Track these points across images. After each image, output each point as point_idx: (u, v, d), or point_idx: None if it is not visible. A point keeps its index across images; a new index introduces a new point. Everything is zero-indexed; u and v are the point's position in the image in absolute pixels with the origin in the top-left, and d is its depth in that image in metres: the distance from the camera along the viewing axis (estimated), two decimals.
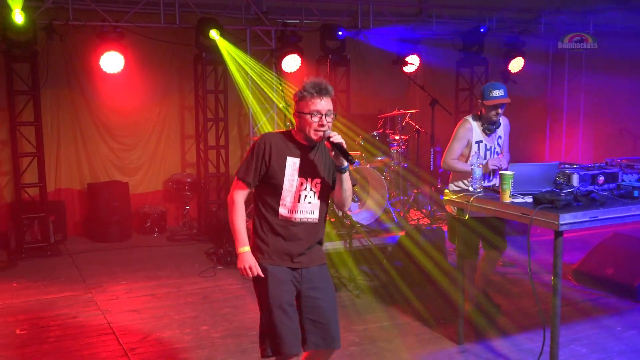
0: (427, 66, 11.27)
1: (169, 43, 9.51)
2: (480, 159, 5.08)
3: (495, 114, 5.43)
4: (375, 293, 6.68)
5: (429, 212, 8.43)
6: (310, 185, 3.64)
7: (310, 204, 3.65)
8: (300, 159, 3.62)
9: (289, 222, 3.63)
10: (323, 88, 3.56)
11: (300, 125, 3.60)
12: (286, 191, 3.61)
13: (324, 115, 3.55)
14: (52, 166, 9.21)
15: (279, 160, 3.60)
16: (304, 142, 3.64)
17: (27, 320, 5.98)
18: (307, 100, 3.55)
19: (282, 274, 3.63)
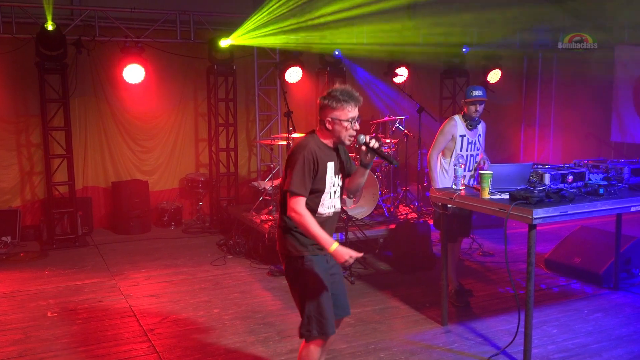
0: (414, 77, 11.26)
1: (185, 57, 9.47)
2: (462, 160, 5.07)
3: (474, 110, 5.63)
4: (368, 280, 6.66)
5: (417, 207, 8.40)
6: (338, 181, 3.59)
7: (337, 198, 3.61)
8: (334, 162, 3.54)
9: (323, 217, 3.53)
10: (357, 97, 3.48)
11: (335, 130, 3.46)
12: (326, 193, 3.51)
13: (355, 121, 3.48)
14: (80, 166, 9.18)
15: (323, 168, 3.47)
16: (332, 144, 3.54)
17: (58, 304, 5.97)
18: (344, 107, 3.42)
19: (323, 264, 3.55)
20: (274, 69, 9.87)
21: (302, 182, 3.38)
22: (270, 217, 7.60)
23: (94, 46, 8.66)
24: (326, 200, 3.51)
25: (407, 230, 7.08)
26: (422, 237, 7.08)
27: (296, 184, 3.37)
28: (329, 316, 3.50)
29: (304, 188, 3.39)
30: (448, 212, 5.08)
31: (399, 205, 8.49)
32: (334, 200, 3.57)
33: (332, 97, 3.43)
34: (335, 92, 3.44)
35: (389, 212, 8.07)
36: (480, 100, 5.61)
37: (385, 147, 8.34)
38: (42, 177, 8.82)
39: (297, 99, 10.21)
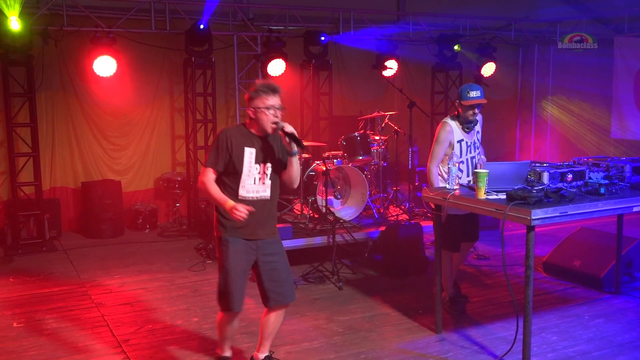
0: (405, 70, 11.30)
1: (160, 48, 9.42)
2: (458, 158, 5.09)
3: (472, 114, 5.42)
4: (357, 285, 6.67)
5: (408, 208, 8.44)
6: (264, 169, 4.16)
7: (264, 184, 4.18)
8: (255, 148, 4.12)
9: (247, 200, 4.11)
10: (274, 87, 4.09)
11: (257, 118, 4.09)
12: (245, 175, 4.11)
13: (277, 109, 4.06)
14: (47, 165, 9.10)
15: (238, 151, 4.09)
16: (259, 133, 4.14)
17: (24, 313, 5.90)
18: (262, 97, 4.04)
19: (239, 245, 4.15)
20: (255, 61, 9.85)
21: (212, 157, 4.12)
22: None
23: (62, 36, 8.57)
24: (248, 184, 4.13)
25: (397, 233, 7.10)
26: (413, 239, 7.10)
27: (208, 159, 4.14)
28: (234, 293, 4.16)
29: (212, 162, 4.11)
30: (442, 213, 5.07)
31: (389, 206, 8.53)
32: (259, 187, 4.16)
33: (253, 90, 4.09)
34: (256, 85, 4.11)
35: (379, 213, 8.10)
36: (478, 102, 5.40)
37: (375, 145, 8.37)
38: (5, 177, 8.72)
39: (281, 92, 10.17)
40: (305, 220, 7.62)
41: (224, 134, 4.13)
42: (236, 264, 4.16)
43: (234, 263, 4.16)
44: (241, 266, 4.18)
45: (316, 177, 7.74)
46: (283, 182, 4.32)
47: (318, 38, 9.72)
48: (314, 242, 7.17)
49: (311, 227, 7.44)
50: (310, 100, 10.40)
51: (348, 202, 8.08)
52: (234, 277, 4.16)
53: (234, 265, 4.16)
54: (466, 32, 11.38)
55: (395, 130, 8.60)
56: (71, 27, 8.56)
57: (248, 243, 4.18)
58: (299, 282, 6.74)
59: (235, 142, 4.10)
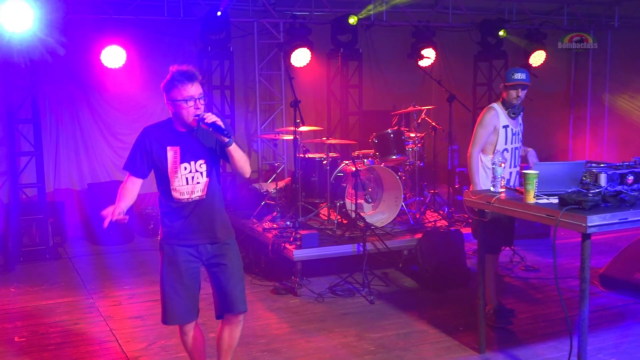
0: (443, 60, 11.25)
1: (173, 36, 9.51)
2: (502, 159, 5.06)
3: (516, 96, 5.65)
4: (390, 299, 6.66)
5: (447, 213, 8.39)
6: (195, 166, 4.05)
7: (200, 183, 4.07)
8: (179, 146, 4.02)
9: (181, 203, 4.07)
10: (192, 74, 3.93)
11: (176, 112, 3.97)
12: (172, 177, 4.03)
13: (197, 99, 3.93)
14: (51, 166, 9.23)
15: (159, 151, 4.03)
16: (182, 128, 4.03)
17: (26, 327, 5.99)
18: (178, 87, 3.90)
19: (174, 252, 4.13)
20: (277, 51, 9.90)
21: (128, 160, 4.10)
22: (274, 225, 7.62)
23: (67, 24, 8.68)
24: (179, 186, 4.04)
25: (436, 241, 7.07)
26: (453, 248, 7.07)
27: (126, 161, 4.13)
28: (168, 307, 4.18)
29: (129, 164, 4.10)
30: (485, 219, 5.06)
31: (426, 211, 8.49)
32: (192, 187, 4.06)
33: (167, 80, 3.95)
34: (171, 74, 3.94)
35: (415, 219, 8.08)
36: (522, 84, 5.64)
37: (410, 143, 8.35)
38: (6, 178, 8.85)
39: (305, 85, 10.23)
40: (333, 226, 7.62)
41: (143, 133, 4.09)
42: (166, 274, 4.17)
43: (164, 272, 4.17)
44: (172, 276, 4.15)
45: (345, 178, 7.75)
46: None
47: (347, 24, 9.71)
48: (343, 251, 7.16)
49: (339, 234, 7.45)
50: (338, 94, 10.42)
51: (380, 207, 8.07)
52: (165, 287, 4.17)
53: (164, 275, 4.18)
54: (512, 17, 11.30)
55: (432, 127, 8.57)
56: (77, 14, 8.68)
57: (187, 250, 4.14)
58: (326, 294, 6.75)
59: (155, 142, 4.04)
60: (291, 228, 7.34)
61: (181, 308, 4.20)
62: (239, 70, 9.97)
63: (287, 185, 8.31)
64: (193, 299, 4.24)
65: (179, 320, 4.25)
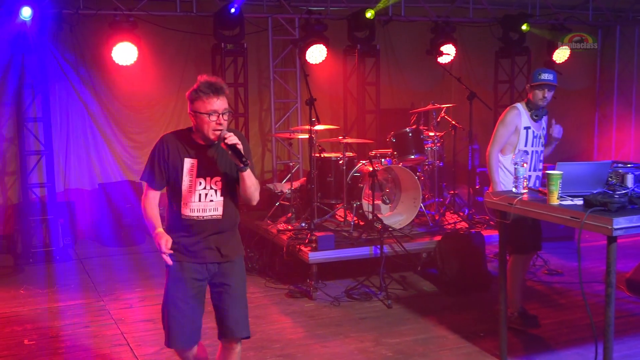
0: (464, 56, 11.22)
1: (186, 33, 9.56)
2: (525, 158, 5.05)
3: (542, 97, 5.65)
4: (409, 303, 6.66)
5: (467, 215, 8.37)
6: (210, 184, 3.93)
7: (213, 201, 3.94)
8: (197, 159, 3.91)
9: (192, 220, 3.94)
10: (219, 87, 3.82)
11: (198, 124, 3.85)
12: (186, 191, 3.91)
13: (220, 114, 3.81)
14: (61, 165, 9.31)
15: (175, 162, 3.92)
16: (201, 141, 3.92)
17: (36, 329, 6.05)
18: (203, 100, 3.79)
19: (181, 270, 4.01)
20: (292, 47, 9.92)
21: (147, 170, 4.00)
22: (289, 227, 7.64)
23: (78, 20, 8.77)
24: (191, 201, 3.92)
25: (455, 243, 7.06)
26: (474, 251, 7.06)
27: (144, 171, 4.03)
28: (171, 329, 4.03)
29: (147, 175, 3.99)
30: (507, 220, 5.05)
31: (446, 212, 8.47)
32: (206, 205, 3.94)
33: (193, 90, 3.85)
34: (198, 84, 3.84)
35: (434, 220, 8.06)
36: (549, 84, 5.62)
37: (429, 142, 8.33)
38: (15, 177, 8.95)
39: (321, 83, 10.23)
40: (349, 228, 7.62)
41: (161, 141, 3.97)
42: (172, 292, 4.03)
43: (170, 290, 4.04)
44: (178, 294, 4.01)
45: (361, 178, 7.75)
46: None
47: (364, 19, 9.71)
48: (359, 254, 7.16)
49: (356, 236, 7.45)
50: (354, 91, 10.41)
51: (398, 208, 8.06)
52: (170, 306, 4.03)
53: (170, 293, 4.04)
54: (535, 11, 11.24)
55: (452, 125, 8.54)
56: (88, 10, 8.76)
57: (195, 267, 4.01)
58: (342, 298, 6.76)
59: (172, 151, 3.92)
60: (306, 230, 7.35)
61: (185, 330, 4.05)
62: (253, 67, 9.99)
63: (302, 185, 8.32)
64: (198, 320, 4.11)
65: (183, 344, 4.10)
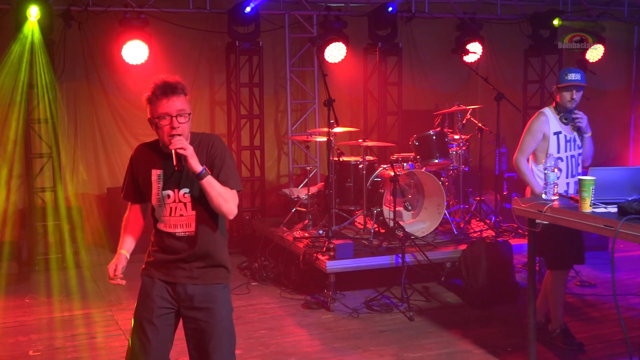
0: (491, 55, 11.17)
1: (199, 30, 9.60)
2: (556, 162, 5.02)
3: (569, 99, 5.58)
4: (431, 315, 6.64)
5: (494, 223, 8.33)
6: (179, 196, 3.67)
7: (184, 216, 3.69)
8: (163, 170, 3.69)
9: (167, 235, 3.74)
10: (169, 88, 3.57)
11: (156, 132, 3.64)
12: (156, 205, 3.72)
13: (174, 117, 3.55)
14: (69, 168, 9.35)
15: (144, 174, 3.73)
16: (167, 150, 3.61)
17: (41, 340, 6.09)
18: (154, 103, 3.58)
19: (150, 287, 3.77)
20: (310, 45, 9.93)
21: (124, 185, 3.86)
22: (305, 234, 7.65)
23: (87, 18, 8.84)
24: (162, 215, 3.71)
25: (482, 253, 7.02)
26: (501, 261, 7.02)
27: (122, 187, 3.88)
28: (134, 352, 3.73)
29: (123, 191, 3.87)
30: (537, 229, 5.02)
31: (471, 219, 8.44)
32: (177, 220, 3.69)
33: (147, 94, 3.62)
34: (151, 87, 3.61)
35: (458, 228, 8.03)
36: (577, 85, 5.55)
37: (454, 145, 8.31)
38: (21, 181, 9.00)
39: (340, 83, 10.25)
40: (369, 235, 7.62)
41: (134, 152, 3.83)
42: (139, 311, 3.77)
43: (137, 309, 3.79)
44: (144, 314, 3.73)
45: (382, 184, 7.74)
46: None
47: (385, 15, 9.69)
48: (380, 263, 7.15)
49: (376, 245, 7.44)
50: (375, 92, 10.41)
51: (421, 215, 8.04)
52: (135, 326, 3.76)
53: (136, 312, 3.79)
54: (567, 7, 11.18)
55: (479, 128, 8.52)
56: (97, 7, 8.82)
57: (164, 286, 3.75)
58: (361, 309, 6.75)
59: (142, 162, 3.75)
60: (324, 237, 7.35)
61: (145, 354, 3.71)
62: (269, 66, 10.01)
63: (320, 190, 8.33)
64: (164, 348, 3.79)
65: None
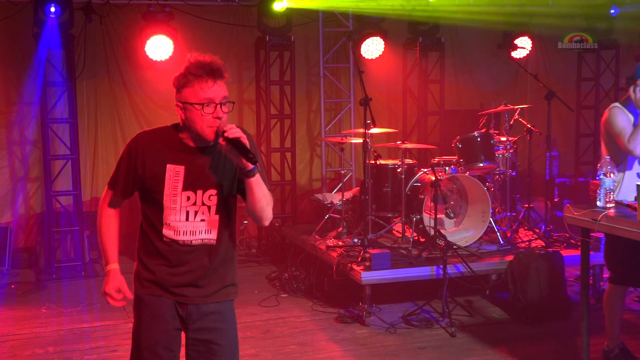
0: (541, 50, 11.08)
1: (227, 25, 9.66)
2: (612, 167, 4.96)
3: None
4: (475, 332, 6.60)
5: (544, 232, 8.25)
6: (203, 199, 3.38)
7: (205, 221, 3.39)
8: (185, 166, 3.34)
9: (176, 244, 3.39)
10: (215, 68, 3.25)
11: (188, 119, 3.30)
12: (169, 208, 3.36)
13: (219, 104, 3.25)
14: (89, 171, 9.48)
15: (155, 169, 3.35)
16: (191, 142, 3.35)
17: (58, 352, 6.16)
18: (194, 85, 3.24)
19: (161, 307, 3.44)
20: (345, 40, 9.93)
21: (114, 174, 3.48)
22: (339, 242, 7.65)
23: (109, 11, 8.93)
24: (174, 220, 3.37)
25: (530, 264, 6.96)
26: (552, 273, 6.95)
27: (112, 177, 3.50)
28: None
29: (114, 181, 3.47)
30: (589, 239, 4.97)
31: (519, 228, 8.38)
32: (195, 225, 3.39)
33: (181, 74, 3.30)
34: (187, 66, 3.29)
35: (505, 238, 7.97)
36: None
37: (500, 148, 8.25)
38: (39, 184, 9.15)
39: (378, 80, 10.24)
40: (408, 245, 7.59)
41: (135, 142, 3.41)
42: (149, 337, 3.46)
43: (147, 335, 3.46)
44: (158, 339, 3.45)
45: (422, 189, 7.71)
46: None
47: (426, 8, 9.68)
48: (419, 274, 7.13)
49: (415, 254, 7.41)
50: (415, 90, 10.39)
51: (464, 223, 8.00)
52: (146, 355, 3.45)
53: (145, 338, 3.46)
54: None
55: (527, 129, 8.45)
56: (119, 0, 8.91)
57: (173, 305, 3.45)
58: (399, 324, 6.73)
59: (150, 155, 3.35)
60: (359, 246, 7.34)
61: None
62: (301, 62, 10.04)
63: (355, 196, 8.32)
64: None
65: None
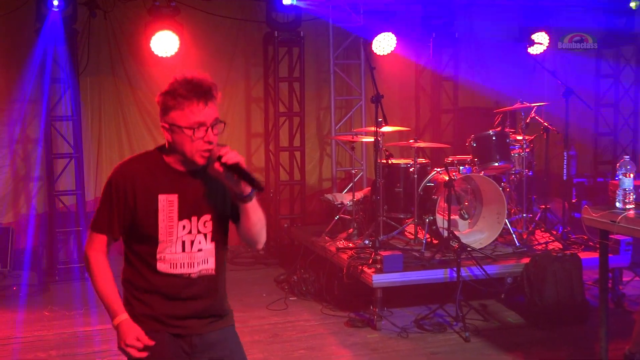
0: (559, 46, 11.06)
1: (234, 20, 9.68)
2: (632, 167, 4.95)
3: None
4: (490, 336, 6.60)
5: (561, 234, 8.23)
6: (198, 226, 3.24)
7: (202, 251, 3.25)
8: (178, 194, 3.20)
9: (173, 278, 3.24)
10: (207, 89, 3.13)
11: (176, 143, 3.15)
12: (164, 242, 3.21)
13: (209, 127, 3.12)
14: (92, 170, 9.49)
15: (146, 201, 3.19)
16: (180, 166, 3.22)
17: (61, 356, 6.19)
18: (183, 107, 3.10)
19: (162, 344, 3.23)
20: (356, 36, 9.94)
21: (99, 215, 3.26)
22: (350, 244, 7.65)
23: (113, 6, 8.97)
24: (170, 252, 3.21)
25: (547, 267, 6.95)
26: (569, 276, 6.94)
27: (94, 217, 3.29)
28: None
29: (100, 223, 3.26)
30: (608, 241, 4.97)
31: (535, 230, 8.36)
32: (193, 256, 3.23)
33: (167, 92, 3.16)
34: (173, 85, 3.15)
35: (521, 240, 7.96)
36: None
37: (516, 147, 8.23)
38: (41, 183, 9.16)
39: (390, 77, 10.23)
40: (421, 247, 7.59)
41: (120, 174, 3.22)
42: None
43: None
44: None
45: (436, 189, 7.70)
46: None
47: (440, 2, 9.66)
48: (432, 277, 7.12)
49: (428, 257, 7.41)
50: (428, 87, 10.39)
51: (479, 224, 7.99)
52: None
53: None
54: None
55: (544, 128, 8.43)
56: None
57: (174, 340, 3.26)
58: (411, 329, 6.73)
59: (139, 187, 3.19)
60: (370, 248, 7.34)
61: None
62: (310, 59, 10.03)
63: (366, 196, 8.32)
64: None
65: None
